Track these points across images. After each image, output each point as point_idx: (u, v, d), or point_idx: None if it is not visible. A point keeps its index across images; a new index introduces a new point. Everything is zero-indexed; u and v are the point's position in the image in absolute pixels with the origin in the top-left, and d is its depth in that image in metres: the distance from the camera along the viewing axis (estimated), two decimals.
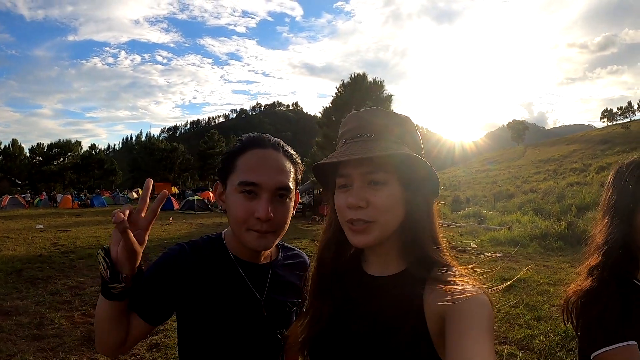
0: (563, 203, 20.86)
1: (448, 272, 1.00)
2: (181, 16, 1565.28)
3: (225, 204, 1.33)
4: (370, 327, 1.05)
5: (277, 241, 1.36)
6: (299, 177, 1.39)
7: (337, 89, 28.64)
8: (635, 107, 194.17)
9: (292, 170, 1.33)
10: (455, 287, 0.93)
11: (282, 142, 1.37)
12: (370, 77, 27.97)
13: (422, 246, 1.06)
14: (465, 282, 0.95)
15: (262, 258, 1.43)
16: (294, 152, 1.38)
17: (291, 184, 1.31)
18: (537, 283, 7.67)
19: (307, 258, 1.61)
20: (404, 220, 1.07)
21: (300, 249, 1.64)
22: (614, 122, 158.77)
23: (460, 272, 1.01)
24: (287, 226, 1.34)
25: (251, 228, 1.26)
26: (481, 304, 0.90)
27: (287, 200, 1.31)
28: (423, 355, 0.96)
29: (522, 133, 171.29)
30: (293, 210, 1.39)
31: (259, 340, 1.36)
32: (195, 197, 33.29)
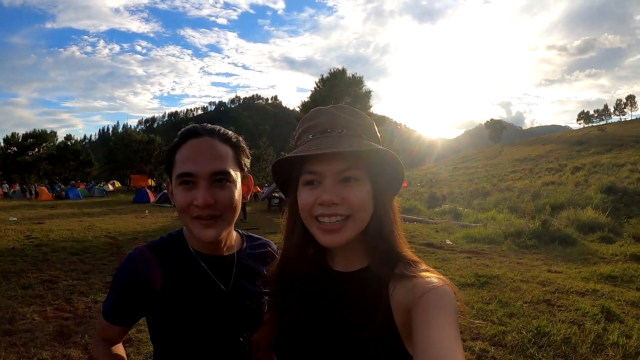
0: (538, 202, 21.14)
1: (412, 267, 1.02)
2: (162, 6, 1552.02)
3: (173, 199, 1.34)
4: (337, 323, 1.06)
5: (228, 228, 1.33)
6: (244, 159, 1.39)
7: (317, 84, 28.64)
8: (612, 110, 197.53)
9: (230, 153, 1.32)
10: (420, 280, 0.95)
11: (218, 128, 1.36)
12: (349, 73, 28.02)
13: (387, 241, 1.06)
14: (429, 275, 0.97)
15: (225, 249, 1.43)
16: (233, 134, 1.38)
17: (230, 168, 1.29)
18: (510, 280, 7.75)
19: (274, 246, 1.61)
20: (374, 216, 1.07)
21: (276, 242, 1.64)
22: (590, 124, 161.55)
23: (424, 267, 1.03)
24: (235, 209, 1.32)
25: (193, 216, 1.26)
26: (445, 295, 0.91)
27: (228, 183, 1.29)
28: (391, 348, 0.97)
29: (500, 132, 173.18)
30: (246, 193, 1.40)
31: (228, 333, 1.37)
32: (166, 186, 32.86)
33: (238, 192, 1.33)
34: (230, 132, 1.37)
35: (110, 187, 54.94)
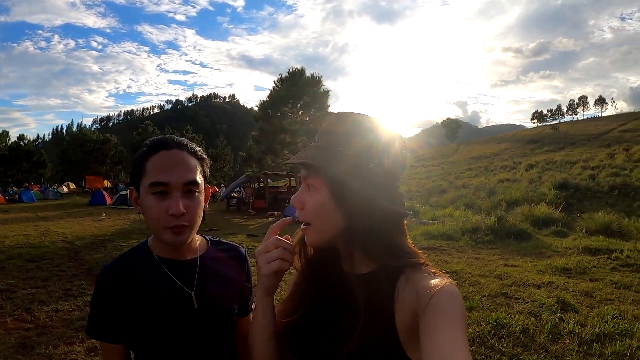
0: (493, 198, 21.61)
1: (418, 270, 1.02)
2: (119, 0, 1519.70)
3: (141, 207, 1.37)
4: (344, 322, 1.06)
5: (193, 233, 1.40)
6: (207, 171, 1.44)
7: (275, 83, 28.43)
8: (564, 110, 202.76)
9: (198, 165, 1.38)
10: (427, 283, 0.95)
11: (185, 141, 1.40)
12: (308, 72, 27.96)
13: (381, 251, 1.06)
14: (436, 278, 0.97)
15: (189, 253, 1.47)
16: (198, 149, 1.43)
17: (199, 179, 1.36)
18: (468, 275, 7.88)
19: (243, 250, 1.64)
20: (348, 227, 1.07)
21: (240, 243, 1.68)
22: (544, 124, 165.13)
23: (432, 270, 1.02)
24: (200, 217, 1.39)
25: (167, 226, 1.30)
26: (452, 296, 0.92)
27: (197, 194, 1.35)
28: (390, 353, 0.98)
29: (456, 131, 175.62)
30: (205, 202, 1.44)
31: (195, 335, 1.39)
32: (129, 192, 32.17)
33: (202, 201, 1.40)
34: (195, 145, 1.43)
35: (65, 189, 53.30)
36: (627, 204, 19.79)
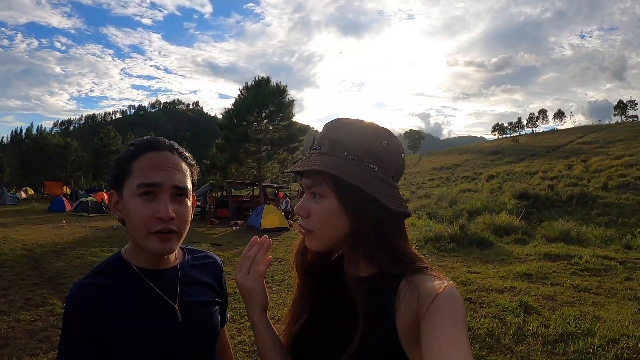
0: (455, 208, 21.89)
1: (420, 274, 1.02)
2: (86, 1, 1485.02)
3: (122, 212, 1.28)
4: (345, 325, 1.07)
5: (180, 243, 1.32)
6: (195, 178, 1.38)
7: (240, 91, 28.25)
8: (524, 122, 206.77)
9: (188, 171, 1.32)
10: (428, 287, 0.95)
11: (176, 145, 1.36)
12: (274, 81, 27.94)
13: (380, 255, 1.06)
14: (437, 282, 0.97)
15: (168, 262, 1.38)
16: (189, 155, 1.38)
17: (189, 184, 1.30)
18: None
19: (218, 258, 1.60)
20: (352, 232, 1.08)
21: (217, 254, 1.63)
22: (504, 136, 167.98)
23: (434, 274, 1.03)
24: (188, 225, 1.31)
25: (153, 230, 1.21)
26: (453, 299, 0.92)
27: (186, 199, 1.29)
28: (391, 356, 0.99)
29: (418, 142, 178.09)
30: (191, 211, 1.36)
31: (180, 350, 1.30)
32: (89, 198, 31.31)
33: (191, 209, 1.33)
34: (185, 151, 1.37)
35: (24, 195, 51.87)
36: (585, 213, 20.35)
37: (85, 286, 1.26)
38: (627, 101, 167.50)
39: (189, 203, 1.30)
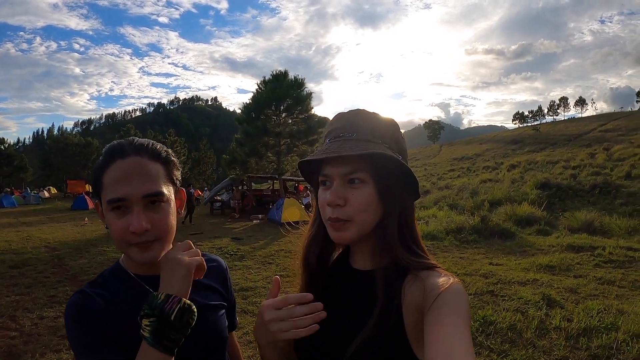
0: (477, 199, 21.63)
1: (426, 269, 1.03)
2: (103, 2, 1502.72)
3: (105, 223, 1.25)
4: (351, 320, 1.07)
5: (167, 247, 1.25)
6: (177, 174, 1.31)
7: (258, 85, 28.21)
8: (545, 111, 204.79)
9: (161, 170, 1.24)
10: (433, 281, 0.97)
11: (147, 142, 1.26)
12: (291, 75, 27.87)
13: (400, 244, 1.08)
14: (442, 277, 0.99)
15: None
16: (163, 149, 1.29)
17: (162, 187, 1.21)
18: (454, 274, 7.92)
19: (222, 261, 1.54)
20: (382, 219, 1.09)
21: (220, 247, 1.59)
22: (525, 125, 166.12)
23: (440, 270, 1.04)
24: (172, 229, 1.25)
25: (131, 243, 1.17)
26: (458, 294, 0.93)
27: (162, 204, 1.21)
28: (398, 350, 0.98)
29: (438, 132, 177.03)
30: (179, 207, 1.32)
31: (184, 356, 1.22)
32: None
33: (172, 211, 1.26)
34: (159, 146, 1.28)
35: (47, 194, 52.57)
36: (608, 202, 20.00)
37: (86, 294, 1.23)
38: None
39: (167, 206, 1.23)
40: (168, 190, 1.24)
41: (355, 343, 1.00)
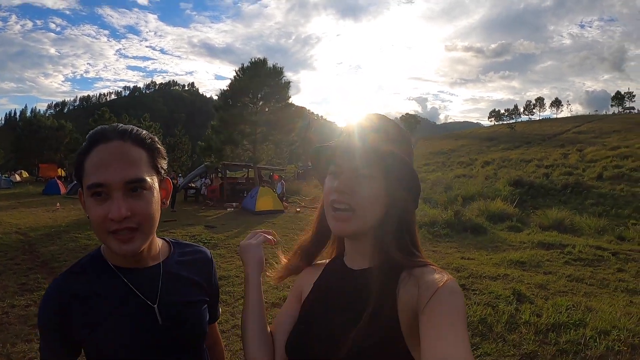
0: (450, 193, 21.94)
1: (422, 268, 1.04)
2: None
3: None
4: (346, 318, 1.07)
5: (148, 239, 1.21)
6: (160, 161, 1.26)
7: (236, 72, 27.97)
8: (521, 110, 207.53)
9: (145, 157, 1.19)
10: (428, 280, 0.97)
11: (130, 128, 1.22)
12: (270, 63, 27.77)
13: (396, 244, 1.09)
14: (437, 275, 0.98)
15: (150, 260, 1.31)
16: (148, 136, 1.24)
17: (145, 174, 1.17)
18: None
19: (208, 252, 1.51)
20: (383, 218, 1.11)
21: (194, 235, 1.57)
22: (501, 122, 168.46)
23: (435, 269, 1.04)
24: (154, 219, 1.20)
25: (110, 231, 1.12)
26: (453, 292, 0.93)
27: (144, 191, 1.16)
28: (393, 348, 0.98)
29: (415, 126, 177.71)
30: (165, 197, 1.29)
31: (160, 354, 1.24)
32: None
33: (156, 200, 1.21)
34: (144, 133, 1.24)
35: (18, 178, 51.30)
36: (579, 202, 20.47)
37: (59, 288, 1.22)
38: (624, 93, 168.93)
39: (150, 194, 1.18)
40: (151, 178, 1.19)
41: (349, 341, 1.00)
